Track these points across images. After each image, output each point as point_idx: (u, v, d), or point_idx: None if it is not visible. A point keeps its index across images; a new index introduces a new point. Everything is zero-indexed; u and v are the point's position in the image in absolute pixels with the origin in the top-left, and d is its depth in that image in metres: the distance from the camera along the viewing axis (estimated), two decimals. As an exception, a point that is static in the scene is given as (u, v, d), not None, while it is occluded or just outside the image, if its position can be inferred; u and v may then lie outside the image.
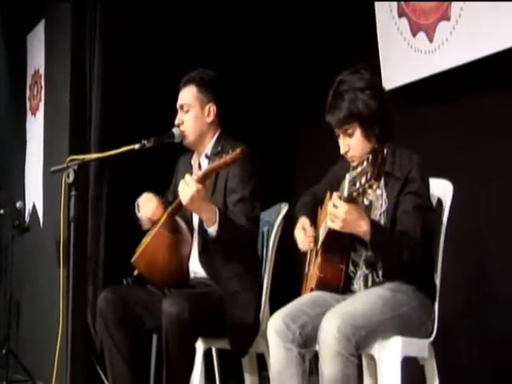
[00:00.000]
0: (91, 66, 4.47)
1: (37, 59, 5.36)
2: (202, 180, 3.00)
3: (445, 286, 2.78)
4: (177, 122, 3.36)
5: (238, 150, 2.93)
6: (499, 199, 3.40)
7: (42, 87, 5.27)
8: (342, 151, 2.82)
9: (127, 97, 4.37)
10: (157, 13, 4.46)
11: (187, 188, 2.98)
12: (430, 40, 3.70)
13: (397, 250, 2.59)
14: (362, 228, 2.56)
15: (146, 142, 3.20)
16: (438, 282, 2.76)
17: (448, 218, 2.79)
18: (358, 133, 2.77)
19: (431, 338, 2.72)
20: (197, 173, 3.08)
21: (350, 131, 2.77)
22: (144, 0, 4.44)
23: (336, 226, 2.56)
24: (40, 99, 5.30)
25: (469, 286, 3.52)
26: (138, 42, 4.42)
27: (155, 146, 3.22)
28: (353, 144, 2.79)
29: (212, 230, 3.06)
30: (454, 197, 2.80)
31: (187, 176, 3.02)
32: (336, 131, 2.82)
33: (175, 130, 3.33)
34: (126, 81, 4.38)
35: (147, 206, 3.30)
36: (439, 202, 2.84)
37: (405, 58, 3.86)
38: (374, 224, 2.60)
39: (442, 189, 2.85)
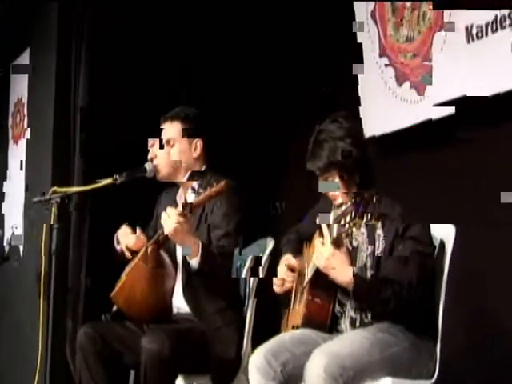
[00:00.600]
0: (75, 96, 4.46)
1: (20, 88, 5.42)
2: (186, 213, 3.03)
3: (447, 328, 2.76)
4: (150, 156, 3.39)
5: (222, 183, 3.00)
6: (485, 244, 3.37)
7: (24, 115, 5.30)
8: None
9: (111, 127, 4.34)
10: (139, 49, 4.46)
11: (171, 220, 3.00)
12: (416, 90, 3.67)
13: (381, 300, 2.58)
14: (346, 277, 2.60)
15: (117, 176, 3.24)
16: (439, 323, 2.73)
17: (450, 261, 2.77)
18: (337, 180, 2.78)
19: (433, 380, 2.68)
20: (182, 204, 3.10)
21: (330, 179, 2.78)
22: (127, 37, 4.43)
23: (320, 265, 2.61)
24: (23, 127, 5.34)
25: (471, 328, 3.49)
26: (123, 75, 4.40)
27: (127, 181, 3.25)
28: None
29: (194, 261, 3.06)
30: (456, 240, 2.77)
31: (171, 209, 3.05)
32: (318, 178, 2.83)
33: (147, 165, 3.36)
34: (110, 112, 4.36)
35: (128, 236, 3.31)
36: (441, 244, 2.81)
37: (386, 106, 3.84)
38: (357, 275, 2.61)
39: (444, 232, 2.82)
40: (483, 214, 3.39)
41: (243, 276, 3.27)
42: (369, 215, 2.61)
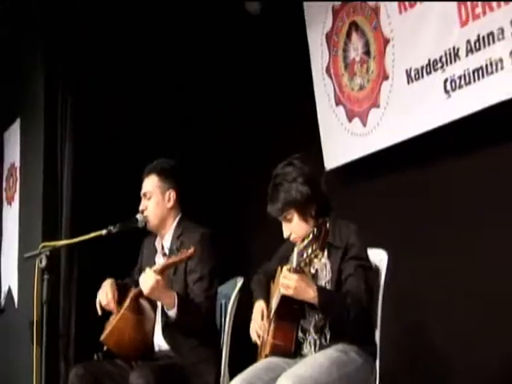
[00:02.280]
0: (62, 160, 4.51)
1: (13, 154, 5.39)
2: (160, 272, 3.10)
3: (386, 345, 2.79)
4: (141, 208, 3.41)
5: (191, 250, 3.08)
6: (430, 263, 3.46)
7: (17, 179, 5.31)
8: (285, 235, 2.91)
9: (95, 186, 4.41)
10: (120, 114, 4.53)
11: (147, 280, 3.07)
12: (364, 125, 3.83)
13: (344, 310, 2.65)
14: (311, 294, 2.64)
15: (112, 227, 3.27)
16: (377, 340, 2.78)
17: (384, 282, 2.84)
18: (295, 217, 2.85)
19: None
20: (156, 266, 3.17)
21: (288, 217, 2.85)
22: (109, 100, 4.51)
23: (289, 293, 2.64)
24: (15, 190, 5.33)
25: (407, 343, 3.53)
26: (105, 139, 4.49)
27: (121, 231, 3.27)
28: (293, 227, 2.87)
29: (172, 312, 3.12)
30: (388, 264, 2.85)
31: (147, 269, 3.12)
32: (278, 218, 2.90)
33: (138, 216, 3.39)
34: (94, 172, 4.44)
35: (103, 295, 3.32)
36: (376, 269, 2.87)
37: (342, 142, 3.97)
38: (321, 289, 2.68)
39: (378, 257, 2.89)
40: (413, 240, 3.51)
41: (227, 312, 3.28)
42: (324, 245, 2.67)
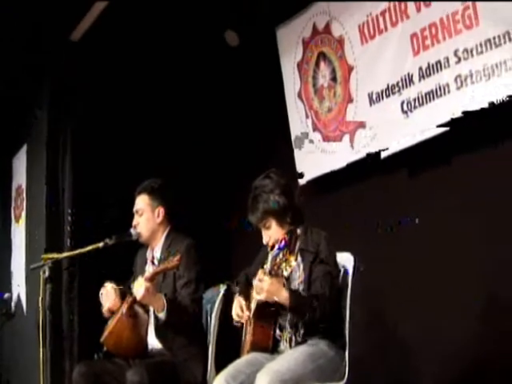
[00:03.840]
0: (63, 181, 4.57)
1: (20, 176, 5.49)
2: (150, 279, 3.15)
3: (354, 337, 2.82)
4: (134, 223, 3.48)
5: (177, 257, 3.12)
6: (392, 263, 3.54)
7: (23, 199, 5.39)
8: (264, 242, 2.96)
9: (93, 204, 4.46)
10: (115, 139, 4.58)
11: (139, 287, 3.12)
12: (333, 142, 3.89)
13: (311, 310, 2.69)
14: (283, 296, 2.69)
15: (108, 240, 3.32)
16: (346, 333, 2.82)
17: (352, 281, 2.89)
18: (273, 224, 2.91)
19: (344, 381, 2.76)
20: (147, 274, 3.22)
21: (267, 224, 2.92)
22: (105, 127, 4.57)
23: (262, 296, 2.71)
24: (22, 208, 5.41)
25: (373, 334, 3.59)
26: (102, 162, 4.54)
27: (116, 243, 3.32)
28: (271, 233, 2.93)
29: (162, 315, 3.16)
30: (354, 266, 2.90)
31: (139, 278, 3.17)
32: (258, 226, 2.97)
33: (132, 231, 3.45)
34: (92, 192, 4.49)
35: (107, 298, 3.37)
36: (344, 270, 2.94)
37: (314, 158, 4.05)
38: (291, 292, 2.73)
39: (346, 260, 2.96)
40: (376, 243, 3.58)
41: (213, 315, 3.31)
42: (296, 249, 2.75)
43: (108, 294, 3.38)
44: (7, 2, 3.94)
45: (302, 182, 4.09)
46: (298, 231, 2.83)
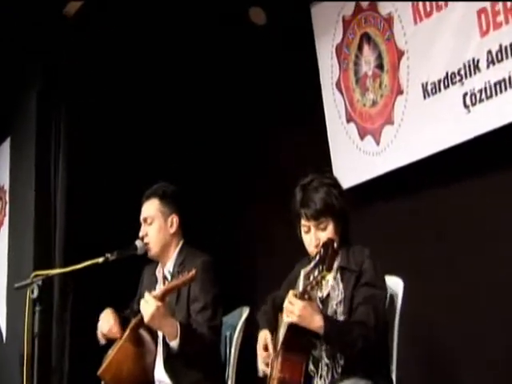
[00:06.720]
0: (55, 182, 4.55)
1: (2, 175, 5.45)
2: (161, 298, 3.08)
3: (403, 379, 2.80)
4: (141, 234, 3.41)
5: (193, 272, 3.06)
6: (447, 290, 3.48)
7: (6, 202, 5.35)
8: (314, 244, 2.83)
9: (91, 210, 4.43)
10: (116, 133, 4.56)
11: (147, 306, 3.05)
12: (377, 143, 3.87)
13: (351, 340, 2.62)
14: (317, 323, 2.61)
15: (109, 255, 3.27)
16: (394, 375, 2.77)
17: (400, 312, 2.84)
18: (330, 227, 2.82)
19: None
20: (157, 292, 3.15)
21: (323, 225, 2.81)
22: (104, 119, 4.56)
23: (293, 319, 2.62)
24: (5, 214, 5.37)
25: (426, 378, 3.55)
26: (101, 159, 4.52)
27: (118, 258, 3.27)
28: (324, 238, 2.80)
29: (174, 343, 3.08)
30: (404, 293, 2.85)
31: (147, 294, 3.10)
32: (306, 226, 2.85)
33: (138, 243, 3.38)
34: (90, 195, 4.47)
35: (104, 322, 3.32)
36: (391, 297, 2.88)
37: (354, 160, 4.00)
38: (327, 318, 2.65)
39: (393, 285, 2.90)
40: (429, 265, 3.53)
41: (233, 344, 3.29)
42: (334, 267, 2.67)
43: (106, 317, 3.32)
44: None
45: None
46: (335, 245, 2.72)
